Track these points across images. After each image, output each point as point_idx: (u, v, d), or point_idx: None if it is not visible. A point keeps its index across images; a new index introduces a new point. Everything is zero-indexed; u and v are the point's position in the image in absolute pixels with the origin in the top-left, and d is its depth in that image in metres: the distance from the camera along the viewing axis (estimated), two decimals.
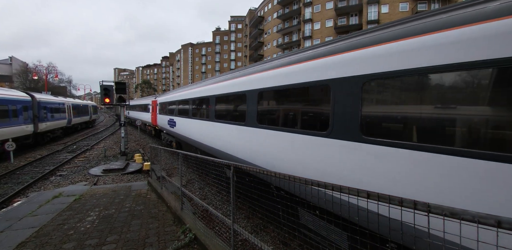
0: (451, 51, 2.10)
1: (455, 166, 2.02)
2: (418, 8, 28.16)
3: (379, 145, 2.58)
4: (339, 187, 1.67)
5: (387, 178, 2.51)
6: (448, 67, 2.11)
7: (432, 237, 1.29)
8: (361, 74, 2.82)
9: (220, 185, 4.57)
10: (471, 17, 2.08)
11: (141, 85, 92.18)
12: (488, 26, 1.93)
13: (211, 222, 4.52)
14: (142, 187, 7.20)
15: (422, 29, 2.41)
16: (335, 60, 3.22)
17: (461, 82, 2.11)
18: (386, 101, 2.73)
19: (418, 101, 2.41)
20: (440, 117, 2.25)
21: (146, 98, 25.06)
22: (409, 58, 2.39)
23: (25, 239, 4.10)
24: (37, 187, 8.44)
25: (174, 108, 11.73)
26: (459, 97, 2.14)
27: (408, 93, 2.53)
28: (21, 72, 47.93)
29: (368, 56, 2.80)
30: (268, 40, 47.90)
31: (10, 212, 5.32)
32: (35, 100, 15.82)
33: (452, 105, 2.18)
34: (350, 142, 2.88)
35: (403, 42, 2.49)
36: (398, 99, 2.62)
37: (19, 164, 11.49)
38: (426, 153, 2.20)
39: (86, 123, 31.02)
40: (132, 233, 4.28)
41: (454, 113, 2.15)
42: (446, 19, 2.27)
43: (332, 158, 3.13)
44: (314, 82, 3.49)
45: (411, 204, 1.28)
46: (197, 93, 8.45)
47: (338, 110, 3.07)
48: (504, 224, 0.99)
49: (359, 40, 3.07)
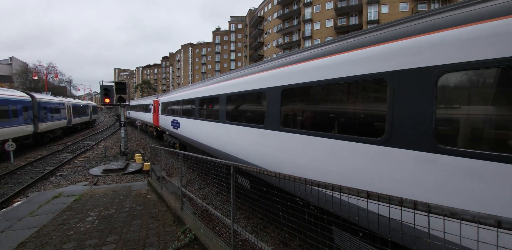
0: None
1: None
2: (418, 8, 28.18)
3: (465, 157, 1.95)
4: (339, 187, 1.67)
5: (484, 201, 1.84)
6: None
7: (432, 237, 1.28)
8: (437, 65, 2.15)
9: (220, 185, 4.54)
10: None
11: (141, 85, 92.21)
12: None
13: (211, 222, 4.52)
14: (142, 187, 7.20)
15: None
16: (398, 47, 2.52)
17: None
18: (466, 100, 2.10)
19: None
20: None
21: (147, 98, 24.56)
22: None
23: (25, 239, 4.10)
24: (37, 187, 8.44)
25: (178, 109, 11.21)
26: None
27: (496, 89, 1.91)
28: (21, 72, 47.96)
29: (452, 39, 2.09)
30: (268, 40, 47.91)
31: (10, 212, 5.32)
32: (35, 100, 15.83)
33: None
34: (418, 151, 2.25)
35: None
36: (484, 96, 2.01)
37: (19, 164, 11.49)
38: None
39: (86, 123, 31.02)
40: (132, 233, 4.28)
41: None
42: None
43: (390, 171, 2.48)
44: (362, 76, 2.81)
45: (411, 204, 1.28)
46: (205, 92, 7.77)
47: (399, 112, 2.42)
48: (504, 224, 0.99)
49: (428, 22, 2.42)
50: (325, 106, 3.52)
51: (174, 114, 11.84)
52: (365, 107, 2.98)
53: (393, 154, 2.44)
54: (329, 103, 3.48)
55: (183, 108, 10.41)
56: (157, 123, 16.98)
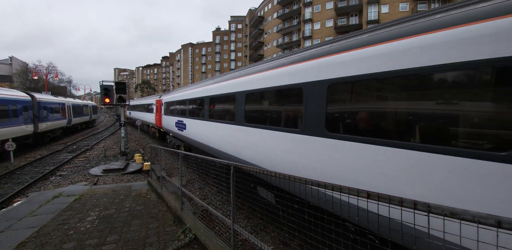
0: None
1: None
2: (418, 8, 28.18)
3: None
4: (339, 187, 1.67)
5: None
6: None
7: (432, 238, 1.29)
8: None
9: (220, 185, 4.48)
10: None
11: (141, 85, 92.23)
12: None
13: (211, 222, 4.52)
14: (142, 187, 7.20)
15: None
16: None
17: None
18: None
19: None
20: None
21: (149, 97, 23.93)
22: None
23: (25, 239, 4.10)
24: (37, 187, 8.44)
25: (183, 109, 10.36)
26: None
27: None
28: (21, 72, 47.97)
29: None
30: (268, 40, 47.90)
31: (10, 212, 5.32)
32: (35, 100, 15.83)
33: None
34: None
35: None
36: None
37: (19, 164, 11.49)
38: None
39: (86, 123, 31.01)
40: (132, 233, 4.28)
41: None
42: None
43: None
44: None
45: (411, 204, 1.28)
46: (216, 89, 6.94)
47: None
48: (504, 224, 0.99)
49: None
50: (399, 105, 2.68)
51: (179, 114, 11.06)
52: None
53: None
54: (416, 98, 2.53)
55: (190, 108, 9.53)
56: (159, 124, 16.16)
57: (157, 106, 16.78)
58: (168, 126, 13.48)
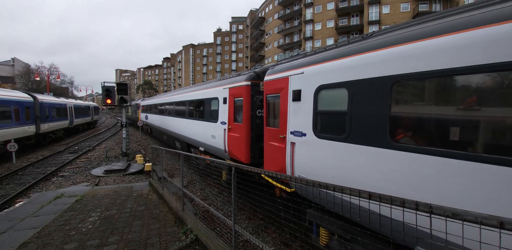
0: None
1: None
2: (420, 9, 28.14)
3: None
4: (340, 187, 1.67)
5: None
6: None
7: (433, 238, 1.28)
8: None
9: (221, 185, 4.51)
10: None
11: (142, 86, 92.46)
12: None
13: (212, 223, 4.52)
14: (144, 187, 7.21)
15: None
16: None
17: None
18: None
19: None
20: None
21: (207, 83, 9.21)
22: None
23: (27, 239, 4.11)
24: (39, 187, 8.46)
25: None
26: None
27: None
28: (23, 73, 48.17)
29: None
30: (269, 41, 47.95)
31: (12, 213, 5.34)
32: (37, 101, 15.89)
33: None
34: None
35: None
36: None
37: (21, 164, 11.53)
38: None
39: (88, 124, 31.12)
40: (133, 234, 4.28)
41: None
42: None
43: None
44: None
45: (413, 204, 1.28)
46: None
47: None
48: (507, 225, 0.98)
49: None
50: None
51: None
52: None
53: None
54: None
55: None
56: (242, 154, 6.08)
57: (234, 107, 6.58)
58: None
